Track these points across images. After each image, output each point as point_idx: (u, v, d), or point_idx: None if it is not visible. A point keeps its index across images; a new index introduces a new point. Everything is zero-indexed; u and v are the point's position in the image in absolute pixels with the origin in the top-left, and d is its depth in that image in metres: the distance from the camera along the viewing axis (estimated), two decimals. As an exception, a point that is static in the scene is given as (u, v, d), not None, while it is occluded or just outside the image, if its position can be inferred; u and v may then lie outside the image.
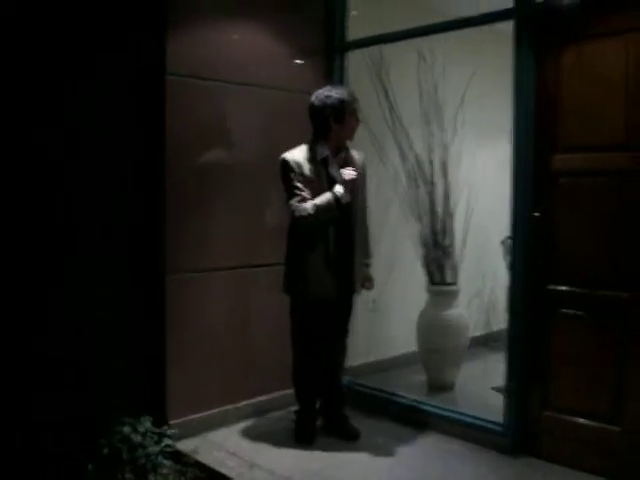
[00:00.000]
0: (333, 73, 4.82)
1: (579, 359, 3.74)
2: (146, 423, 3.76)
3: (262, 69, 4.49)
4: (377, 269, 4.43)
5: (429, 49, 4.98)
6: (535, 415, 3.88)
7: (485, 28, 4.18)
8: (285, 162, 3.94)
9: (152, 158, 4.10)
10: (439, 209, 5.24)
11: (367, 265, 4.25)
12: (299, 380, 4.26)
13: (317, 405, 4.32)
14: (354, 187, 3.96)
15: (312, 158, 3.94)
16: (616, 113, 3.56)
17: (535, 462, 3.81)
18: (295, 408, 4.30)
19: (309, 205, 3.86)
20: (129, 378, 4.03)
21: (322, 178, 3.93)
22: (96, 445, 3.55)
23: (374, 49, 4.92)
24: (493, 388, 4.69)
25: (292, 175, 3.91)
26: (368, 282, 4.28)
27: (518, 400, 3.93)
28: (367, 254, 4.25)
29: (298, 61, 4.68)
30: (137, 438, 3.63)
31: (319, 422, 4.30)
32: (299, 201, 3.88)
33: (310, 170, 3.91)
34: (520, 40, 3.84)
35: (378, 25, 4.68)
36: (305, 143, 4.02)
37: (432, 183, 5.25)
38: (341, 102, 3.95)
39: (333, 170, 3.93)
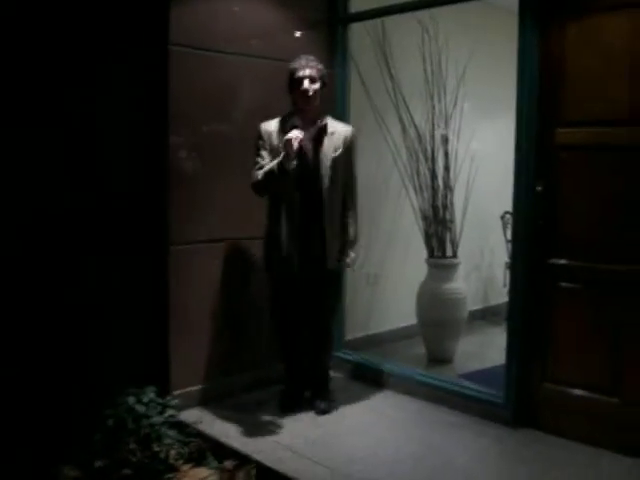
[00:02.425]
0: (335, 45, 4.78)
1: (578, 332, 3.77)
2: (150, 393, 3.76)
3: (264, 40, 4.46)
4: (377, 242, 4.43)
5: (432, 23, 4.96)
6: (535, 387, 3.91)
7: (486, 4, 4.16)
8: (257, 130, 4.00)
9: (155, 132, 4.10)
10: (440, 183, 5.26)
11: (347, 242, 4.08)
12: (281, 354, 4.34)
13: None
14: (305, 150, 3.87)
15: (283, 128, 3.91)
16: (619, 88, 3.55)
17: (535, 434, 3.85)
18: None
19: (259, 172, 3.89)
20: (133, 349, 4.06)
21: None
22: (102, 416, 3.57)
23: (377, 21, 4.89)
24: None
25: (260, 143, 3.97)
26: (346, 257, 4.08)
27: (518, 372, 3.96)
28: (348, 232, 4.07)
29: (300, 33, 4.64)
30: (141, 408, 3.63)
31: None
32: (257, 169, 3.91)
33: (279, 140, 3.87)
34: (524, 13, 3.81)
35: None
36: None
37: (433, 157, 5.26)
38: (290, 71, 3.97)
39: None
